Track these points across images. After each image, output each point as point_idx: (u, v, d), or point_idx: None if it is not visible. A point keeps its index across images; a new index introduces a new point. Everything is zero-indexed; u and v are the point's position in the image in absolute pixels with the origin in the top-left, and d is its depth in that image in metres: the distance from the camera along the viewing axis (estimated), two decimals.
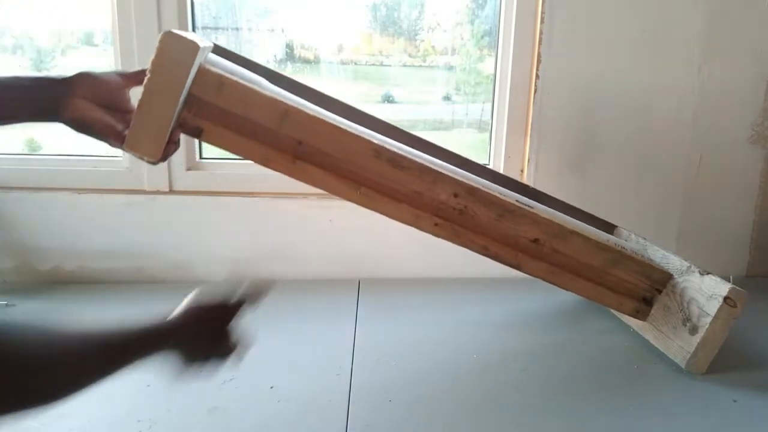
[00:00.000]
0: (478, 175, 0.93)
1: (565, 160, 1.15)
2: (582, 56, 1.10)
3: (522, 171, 1.17)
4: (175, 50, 0.58)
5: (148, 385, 0.76)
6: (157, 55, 0.58)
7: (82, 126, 0.63)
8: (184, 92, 0.62)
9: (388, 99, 1.27)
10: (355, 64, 1.25)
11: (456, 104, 1.27)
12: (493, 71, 1.17)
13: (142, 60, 1.06)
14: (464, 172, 0.85)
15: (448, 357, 0.85)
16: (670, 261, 0.90)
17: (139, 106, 0.60)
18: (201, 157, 1.16)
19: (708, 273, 0.83)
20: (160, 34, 0.59)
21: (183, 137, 1.09)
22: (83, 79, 0.64)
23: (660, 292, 0.89)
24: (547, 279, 0.85)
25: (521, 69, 1.12)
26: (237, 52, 1.20)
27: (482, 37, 1.22)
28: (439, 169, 0.77)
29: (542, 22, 1.08)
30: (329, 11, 1.20)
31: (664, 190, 1.17)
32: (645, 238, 1.00)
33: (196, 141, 1.14)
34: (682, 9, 1.09)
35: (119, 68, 1.07)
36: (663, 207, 1.18)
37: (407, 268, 1.16)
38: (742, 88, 1.14)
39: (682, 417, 0.72)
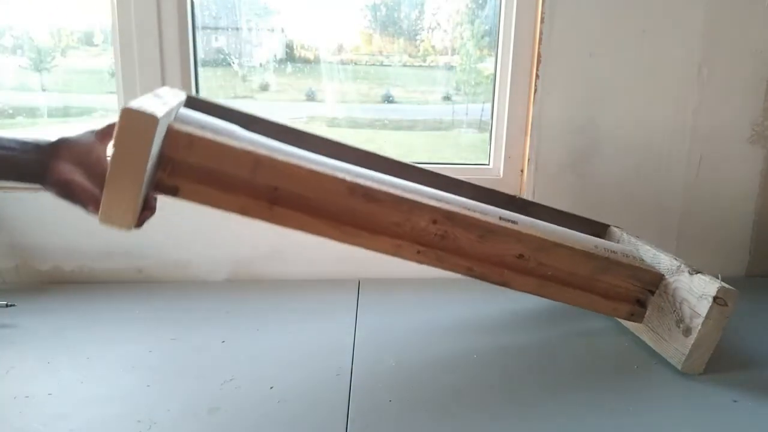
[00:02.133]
0: (463, 193, 0.93)
1: (565, 160, 1.15)
2: (582, 56, 1.10)
3: (522, 171, 1.17)
4: (135, 126, 0.58)
5: (148, 385, 0.76)
6: (118, 133, 0.58)
7: (64, 190, 0.65)
8: (151, 160, 0.62)
9: (388, 99, 1.28)
10: (355, 64, 1.25)
11: (456, 104, 1.27)
12: (493, 71, 1.17)
13: (142, 60, 1.06)
14: (444, 194, 0.85)
15: (448, 357, 0.85)
16: (661, 260, 0.90)
17: (107, 182, 0.60)
18: None
19: (698, 272, 0.83)
20: (120, 110, 0.59)
21: None
22: (64, 142, 0.66)
23: (653, 293, 0.89)
24: (536, 293, 0.85)
25: (521, 69, 1.12)
26: (237, 52, 1.21)
27: (482, 37, 1.22)
28: (415, 198, 0.77)
29: (542, 22, 1.08)
30: (329, 11, 1.20)
31: (664, 190, 1.17)
32: (637, 237, 0.99)
33: None
34: (682, 9, 1.09)
35: (117, 74, 1.07)
36: (663, 207, 1.18)
37: (407, 268, 1.16)
38: (742, 88, 1.14)
39: (683, 417, 0.72)
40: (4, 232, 1.09)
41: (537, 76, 1.11)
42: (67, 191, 0.65)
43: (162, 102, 0.67)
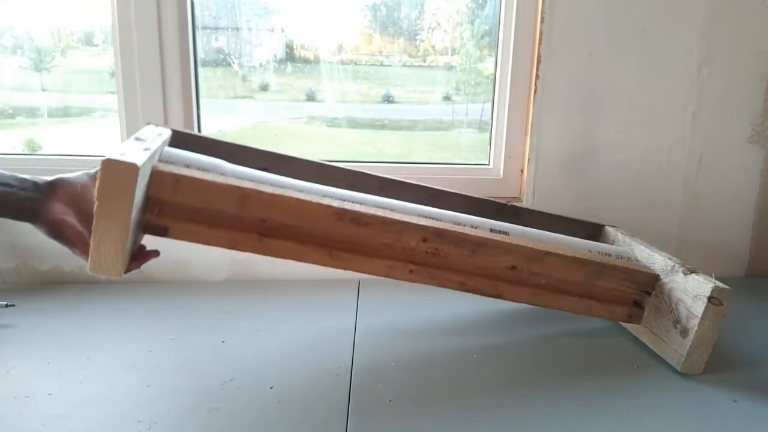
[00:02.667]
0: (454, 205, 0.94)
1: (565, 160, 1.15)
2: (582, 56, 1.10)
3: (522, 171, 1.17)
4: (116, 176, 0.59)
5: (148, 385, 0.76)
6: (100, 185, 0.59)
7: (55, 230, 0.66)
8: (136, 207, 0.63)
9: (388, 99, 1.28)
10: (355, 64, 1.25)
11: (456, 104, 1.27)
12: (493, 71, 1.17)
13: (142, 60, 1.06)
14: (434, 210, 0.86)
15: (448, 357, 0.85)
16: (655, 260, 0.89)
17: (93, 233, 0.61)
18: None
19: (692, 272, 0.82)
20: (100, 162, 0.59)
21: None
22: (60, 182, 0.68)
23: (649, 294, 0.88)
24: (531, 302, 0.85)
25: (521, 69, 1.12)
26: (237, 52, 1.21)
27: (482, 37, 1.22)
28: (404, 218, 0.77)
29: (542, 22, 1.08)
30: (329, 11, 1.20)
31: (664, 190, 1.17)
32: (632, 236, 0.99)
33: None
34: (682, 9, 1.09)
35: (117, 74, 1.07)
36: (663, 207, 1.18)
37: None
38: (742, 88, 1.14)
39: (683, 417, 0.72)
40: (4, 232, 1.09)
41: (537, 76, 1.11)
42: (58, 231, 0.65)
43: (144, 146, 0.68)
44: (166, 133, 0.81)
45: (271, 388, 0.76)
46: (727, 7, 1.10)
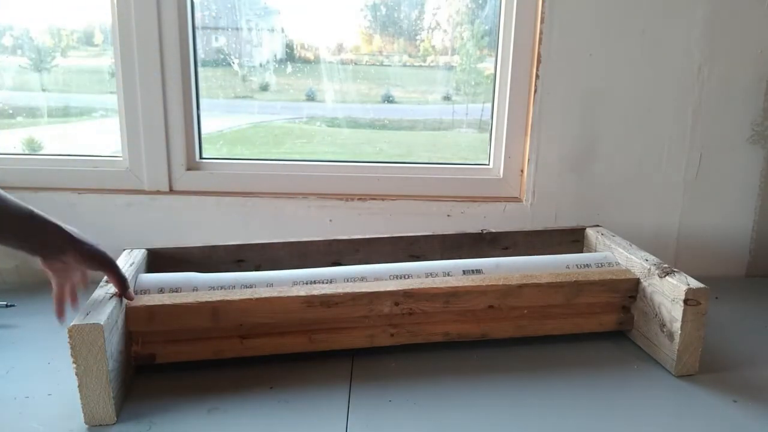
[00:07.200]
0: (430, 249, 0.97)
1: (565, 160, 1.15)
2: (582, 56, 1.10)
3: (522, 171, 1.17)
4: (84, 338, 0.65)
5: None
6: (73, 350, 0.65)
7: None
8: (111, 358, 0.67)
9: (388, 99, 1.28)
10: (355, 64, 1.25)
11: (456, 104, 1.27)
12: (493, 71, 1.17)
13: (142, 60, 1.06)
14: (405, 265, 0.87)
15: (448, 357, 0.85)
16: (634, 264, 0.88)
17: (79, 389, 0.66)
18: (201, 157, 1.16)
19: (667, 273, 0.81)
20: (67, 329, 0.65)
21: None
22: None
23: (634, 298, 0.88)
24: (517, 334, 0.86)
25: (521, 69, 1.12)
26: (237, 52, 1.21)
27: (482, 37, 1.22)
28: (372, 288, 0.80)
29: (542, 22, 1.08)
30: (329, 11, 1.20)
31: (663, 190, 1.17)
32: (613, 235, 0.99)
33: (196, 140, 1.14)
34: (682, 9, 1.09)
35: (117, 74, 1.07)
36: (663, 207, 1.18)
37: None
38: (742, 88, 1.14)
39: (682, 417, 0.72)
40: None
41: (537, 76, 1.11)
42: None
43: (112, 289, 0.73)
44: (140, 257, 0.85)
45: (271, 388, 0.76)
46: (727, 7, 1.09)
